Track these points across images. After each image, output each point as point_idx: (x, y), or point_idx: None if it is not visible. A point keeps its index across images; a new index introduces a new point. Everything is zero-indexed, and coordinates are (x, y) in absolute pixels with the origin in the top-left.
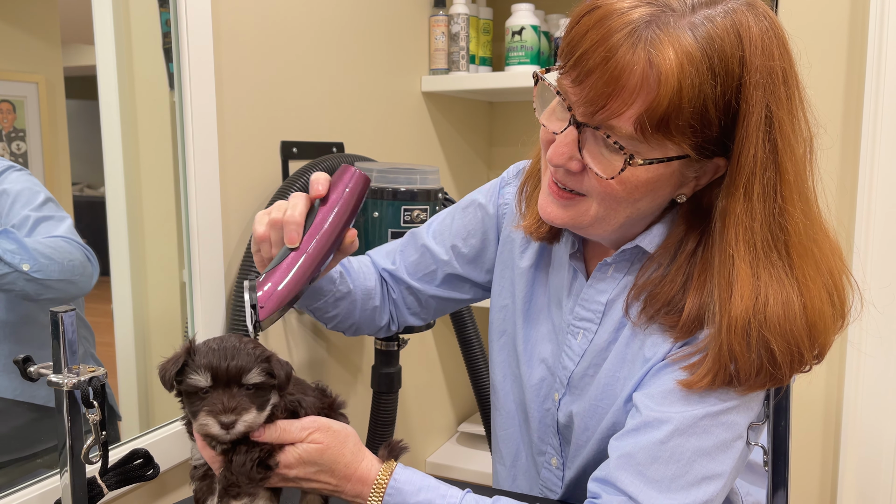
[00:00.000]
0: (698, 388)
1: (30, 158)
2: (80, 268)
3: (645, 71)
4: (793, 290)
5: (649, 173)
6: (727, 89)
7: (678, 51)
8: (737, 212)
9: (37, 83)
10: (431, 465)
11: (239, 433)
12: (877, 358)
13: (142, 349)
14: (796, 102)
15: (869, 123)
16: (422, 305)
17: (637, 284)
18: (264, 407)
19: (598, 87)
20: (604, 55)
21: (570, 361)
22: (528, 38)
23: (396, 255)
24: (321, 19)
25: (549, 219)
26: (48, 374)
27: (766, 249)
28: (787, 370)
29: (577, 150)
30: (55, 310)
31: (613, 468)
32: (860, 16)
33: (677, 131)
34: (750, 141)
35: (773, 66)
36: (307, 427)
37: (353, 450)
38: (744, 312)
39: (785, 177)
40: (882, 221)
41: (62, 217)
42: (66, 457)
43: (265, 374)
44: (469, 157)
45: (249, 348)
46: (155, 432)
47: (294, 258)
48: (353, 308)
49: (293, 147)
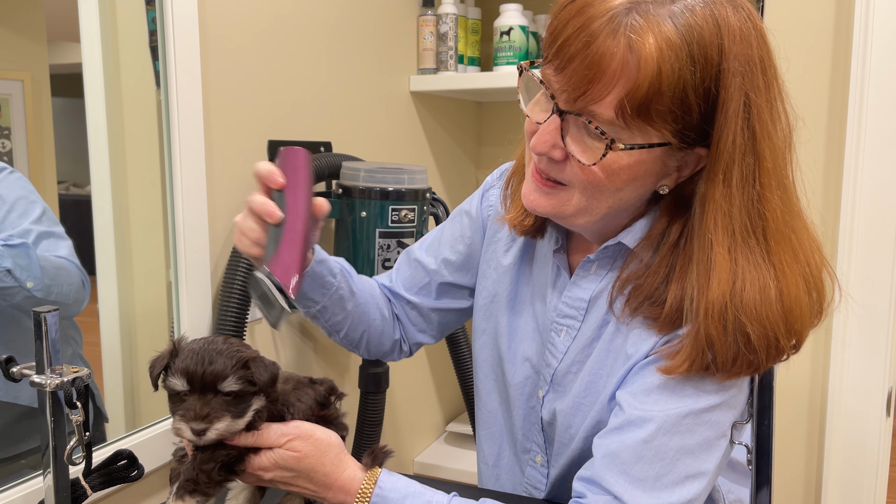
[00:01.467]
0: (677, 374)
1: (15, 156)
2: (76, 293)
3: (625, 56)
4: (769, 275)
5: (631, 160)
6: (706, 76)
7: (658, 37)
8: (716, 197)
9: (22, 81)
10: (419, 464)
11: (211, 440)
12: (860, 354)
13: (128, 349)
14: (775, 93)
15: (854, 119)
16: (425, 320)
17: (621, 278)
18: (243, 413)
19: (579, 72)
20: (585, 41)
21: (554, 359)
22: (517, 38)
23: (393, 273)
24: (309, 18)
25: (531, 207)
26: (31, 374)
27: (745, 235)
28: (764, 356)
29: (559, 137)
30: (38, 310)
31: (598, 467)
32: (845, 11)
33: (658, 117)
34: (729, 127)
35: (752, 55)
36: (287, 434)
37: (333, 460)
38: (720, 297)
39: (763, 164)
40: (866, 217)
41: (61, 235)
42: (50, 458)
43: (243, 382)
44: (457, 156)
45: (232, 351)
46: (141, 432)
47: (287, 227)
48: (361, 313)
49: (280, 146)
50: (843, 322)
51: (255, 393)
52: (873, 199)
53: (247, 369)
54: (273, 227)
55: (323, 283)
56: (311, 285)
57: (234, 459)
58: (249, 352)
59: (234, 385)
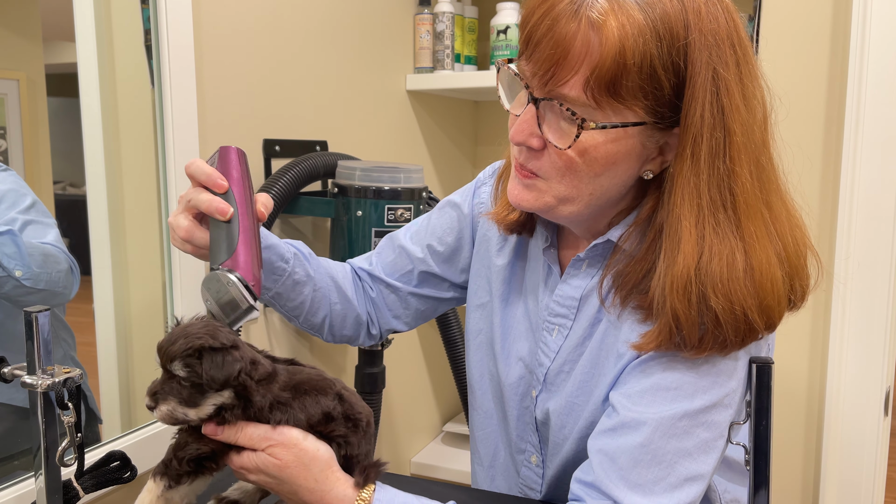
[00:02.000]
0: (646, 350)
1: (10, 156)
2: (65, 279)
3: (586, 34)
4: (738, 248)
5: (607, 141)
6: (673, 50)
7: (618, 14)
8: (683, 172)
9: (18, 80)
10: (416, 465)
11: (161, 419)
12: (858, 353)
13: (123, 349)
14: (746, 68)
15: (851, 118)
16: (403, 305)
17: (609, 267)
18: (194, 403)
19: (545, 55)
20: (549, 25)
21: (546, 358)
22: (514, 36)
23: (373, 256)
24: (305, 16)
25: (516, 202)
26: (22, 375)
27: (712, 209)
28: (732, 332)
29: (536, 126)
30: (30, 310)
31: (596, 471)
32: (843, 5)
33: (628, 94)
34: (697, 101)
35: (719, 31)
36: (269, 438)
37: (318, 476)
38: (685, 270)
39: (733, 138)
40: (864, 215)
41: (50, 223)
42: (41, 459)
43: (189, 370)
44: (454, 156)
45: (198, 335)
46: (137, 433)
47: (240, 224)
48: (319, 298)
49: (276, 145)
50: (840, 321)
51: (215, 386)
52: (871, 198)
53: (198, 359)
54: (223, 224)
55: (273, 269)
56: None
57: (209, 455)
58: (218, 341)
59: (181, 370)
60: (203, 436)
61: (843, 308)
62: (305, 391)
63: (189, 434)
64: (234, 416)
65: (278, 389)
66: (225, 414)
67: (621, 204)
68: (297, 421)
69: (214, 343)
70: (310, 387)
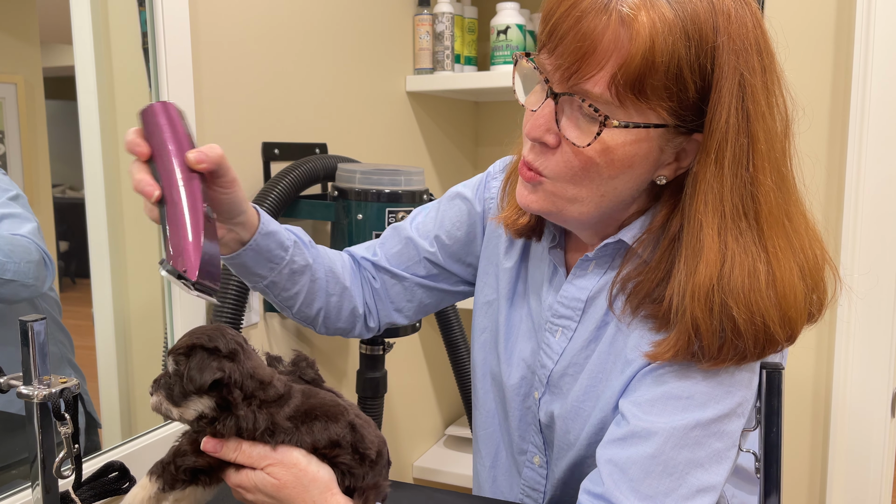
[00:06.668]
0: (662, 360)
1: (9, 160)
2: (35, 270)
3: (616, 29)
4: (760, 258)
5: (626, 142)
6: (701, 52)
7: (650, 11)
8: (707, 177)
9: (15, 84)
10: (418, 469)
11: (152, 407)
12: (864, 355)
13: (123, 353)
14: (771, 76)
15: (856, 115)
16: (408, 297)
17: (621, 275)
18: (178, 403)
19: (570, 48)
20: (576, 17)
21: (549, 360)
22: (514, 37)
23: (377, 247)
24: (303, 18)
25: (524, 205)
26: (18, 385)
27: (735, 217)
28: (752, 343)
29: (554, 122)
30: (25, 319)
31: (606, 483)
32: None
33: (653, 93)
34: (723, 106)
35: (747, 36)
36: (268, 457)
37: (316, 498)
38: (707, 279)
39: (757, 146)
40: (870, 219)
41: (27, 217)
42: (38, 470)
43: (175, 365)
44: (455, 157)
45: (199, 337)
46: (138, 440)
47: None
48: (316, 288)
49: (275, 148)
50: (846, 324)
51: (191, 388)
52: (876, 201)
53: (186, 357)
54: (160, 205)
55: (270, 257)
56: (255, 260)
57: (205, 469)
58: (212, 344)
59: (171, 365)
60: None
61: (848, 310)
62: (316, 416)
63: (190, 443)
64: (227, 429)
65: (287, 413)
66: (217, 426)
67: (632, 208)
68: (301, 443)
69: (208, 345)
70: (321, 412)
